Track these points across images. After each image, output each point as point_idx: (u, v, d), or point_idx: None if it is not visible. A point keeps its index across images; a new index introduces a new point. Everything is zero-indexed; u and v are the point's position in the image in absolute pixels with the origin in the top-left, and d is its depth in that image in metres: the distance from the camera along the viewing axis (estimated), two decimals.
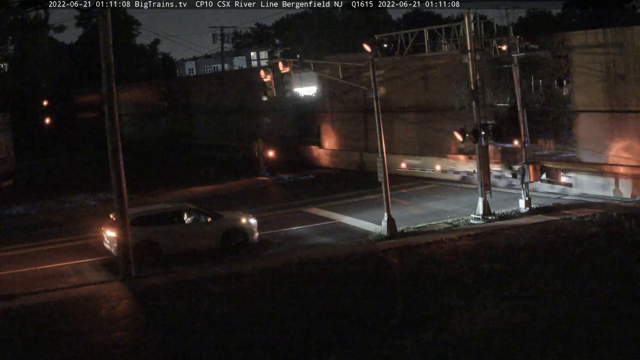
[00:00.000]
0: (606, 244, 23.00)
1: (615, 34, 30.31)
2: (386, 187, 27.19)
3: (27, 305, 21.84)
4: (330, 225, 30.16)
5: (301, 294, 20.89)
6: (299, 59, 28.75)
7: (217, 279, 23.01)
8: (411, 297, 19.87)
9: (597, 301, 17.94)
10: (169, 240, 26.05)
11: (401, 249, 24.88)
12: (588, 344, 15.48)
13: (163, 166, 55.70)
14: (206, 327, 18.64)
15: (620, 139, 30.20)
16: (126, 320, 20.16)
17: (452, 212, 30.29)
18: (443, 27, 29.11)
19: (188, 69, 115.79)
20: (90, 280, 24.46)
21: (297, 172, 45.23)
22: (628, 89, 29.77)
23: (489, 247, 24.06)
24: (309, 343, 16.98)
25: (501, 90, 32.57)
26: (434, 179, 37.04)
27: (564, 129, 32.54)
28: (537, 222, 27.05)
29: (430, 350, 15.91)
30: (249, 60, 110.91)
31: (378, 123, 27.38)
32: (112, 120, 24.18)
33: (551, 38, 32.74)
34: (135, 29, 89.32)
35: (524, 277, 20.37)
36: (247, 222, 27.28)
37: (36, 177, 52.22)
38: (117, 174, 24.23)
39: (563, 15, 79.61)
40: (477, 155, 28.64)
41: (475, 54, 28.21)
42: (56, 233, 32.40)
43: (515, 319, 17.19)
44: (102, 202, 38.72)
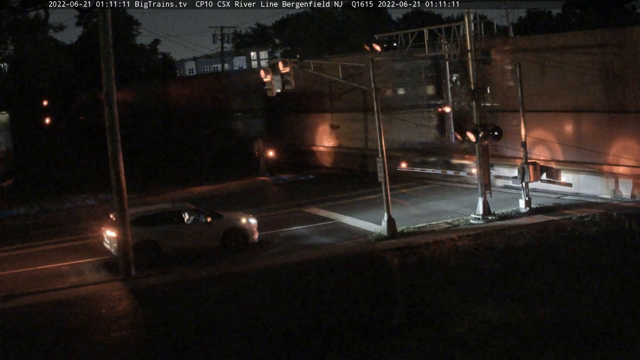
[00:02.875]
0: (606, 244, 23.00)
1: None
2: (386, 187, 27.19)
3: (27, 305, 21.85)
4: (330, 225, 30.16)
5: (301, 294, 20.91)
6: (299, 59, 28.79)
7: (217, 279, 23.02)
8: (411, 297, 19.88)
9: (597, 301, 17.94)
10: (168, 240, 26.04)
11: (401, 249, 24.88)
12: (588, 344, 15.49)
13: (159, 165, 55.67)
14: (206, 327, 18.65)
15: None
16: (126, 320, 20.17)
17: (452, 212, 30.29)
18: (443, 27, 29.12)
19: (188, 69, 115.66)
20: (90, 280, 24.47)
21: (297, 172, 45.24)
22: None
23: (489, 247, 24.07)
24: (309, 343, 16.98)
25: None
26: (434, 179, 37.06)
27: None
28: (537, 222, 27.05)
29: (430, 350, 15.92)
30: (249, 60, 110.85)
31: (378, 123, 27.38)
32: (112, 120, 24.19)
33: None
34: (135, 29, 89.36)
35: (524, 277, 20.37)
36: (247, 222, 27.27)
37: (36, 177, 52.18)
38: (117, 174, 24.24)
39: (563, 15, 79.58)
40: (477, 155, 28.64)
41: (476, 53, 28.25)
42: (56, 233, 32.40)
43: (515, 319, 17.19)
44: (102, 202, 38.71)
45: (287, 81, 28.71)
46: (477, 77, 28.45)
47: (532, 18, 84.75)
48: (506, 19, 28.78)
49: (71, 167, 57.32)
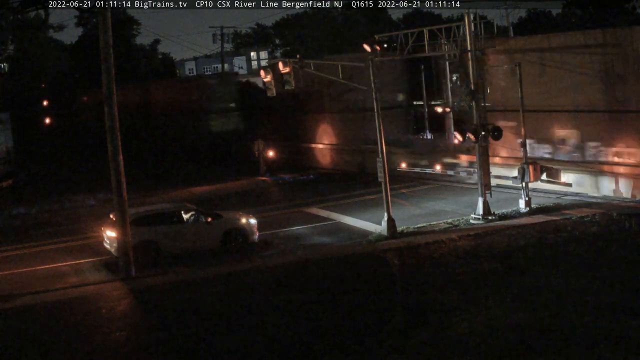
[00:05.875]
0: (606, 244, 23.00)
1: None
2: (386, 187, 27.18)
3: (27, 305, 21.83)
4: (330, 225, 30.15)
5: (301, 294, 20.89)
6: (299, 59, 28.79)
7: (217, 279, 23.02)
8: (411, 297, 19.87)
9: (597, 301, 17.93)
10: (168, 240, 26.03)
11: (401, 249, 24.88)
12: (588, 344, 15.48)
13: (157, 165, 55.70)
14: (206, 327, 18.64)
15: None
16: (126, 320, 20.17)
17: (452, 212, 30.28)
18: (443, 27, 29.10)
19: (188, 69, 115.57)
20: (90, 280, 24.46)
21: (297, 172, 45.24)
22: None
23: (489, 247, 24.06)
24: (309, 343, 16.97)
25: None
26: (434, 179, 37.06)
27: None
28: (537, 222, 27.05)
29: (430, 350, 15.91)
30: (249, 60, 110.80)
31: (378, 123, 27.36)
32: (112, 121, 24.18)
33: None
34: (136, 29, 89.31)
35: (524, 277, 20.37)
36: (247, 222, 27.27)
37: (36, 177, 52.20)
38: (117, 174, 24.24)
39: (563, 15, 79.53)
40: (477, 155, 28.64)
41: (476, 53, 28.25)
42: (56, 233, 32.40)
43: (515, 319, 17.18)
44: (102, 202, 38.70)
45: (287, 81, 28.71)
46: (477, 77, 28.44)
47: (532, 18, 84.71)
48: (506, 19, 28.72)
49: (71, 167, 57.35)
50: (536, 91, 32.68)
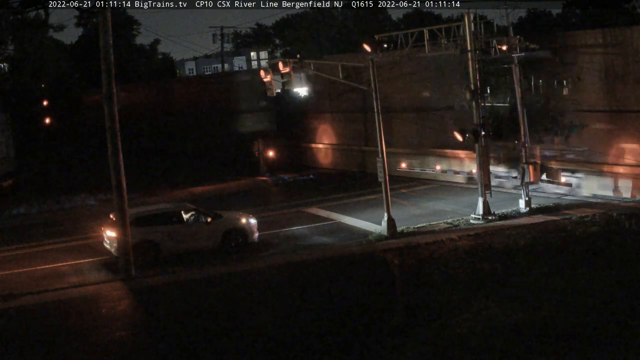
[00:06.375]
0: (606, 244, 23.00)
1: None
2: (386, 187, 27.19)
3: (27, 305, 21.84)
4: (330, 225, 30.16)
5: (301, 294, 20.90)
6: (299, 59, 28.78)
7: (217, 279, 23.02)
8: (411, 297, 19.87)
9: (597, 301, 17.94)
10: (168, 240, 26.03)
11: (401, 249, 24.89)
12: (587, 344, 15.48)
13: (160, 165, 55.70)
14: (206, 327, 18.64)
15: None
16: (126, 320, 20.18)
17: (452, 212, 30.29)
18: (443, 27, 29.11)
19: (188, 69, 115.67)
20: (90, 280, 24.47)
21: (297, 172, 45.25)
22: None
23: (489, 247, 24.06)
24: (309, 343, 16.97)
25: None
26: (434, 179, 37.08)
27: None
28: (537, 222, 27.05)
29: (430, 350, 15.91)
30: (249, 60, 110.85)
31: (378, 123, 27.37)
32: (112, 121, 24.18)
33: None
34: (136, 29, 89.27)
35: (524, 277, 20.37)
36: (247, 222, 27.27)
37: (36, 177, 52.20)
38: (117, 174, 24.24)
39: (563, 15, 79.50)
40: (477, 155, 28.63)
41: (476, 54, 28.21)
42: (56, 233, 32.41)
43: (515, 319, 17.19)
44: (102, 202, 38.73)
45: (287, 81, 28.73)
46: (477, 77, 28.43)
47: (532, 18, 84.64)
48: (506, 19, 28.63)
49: (71, 167, 57.35)
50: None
